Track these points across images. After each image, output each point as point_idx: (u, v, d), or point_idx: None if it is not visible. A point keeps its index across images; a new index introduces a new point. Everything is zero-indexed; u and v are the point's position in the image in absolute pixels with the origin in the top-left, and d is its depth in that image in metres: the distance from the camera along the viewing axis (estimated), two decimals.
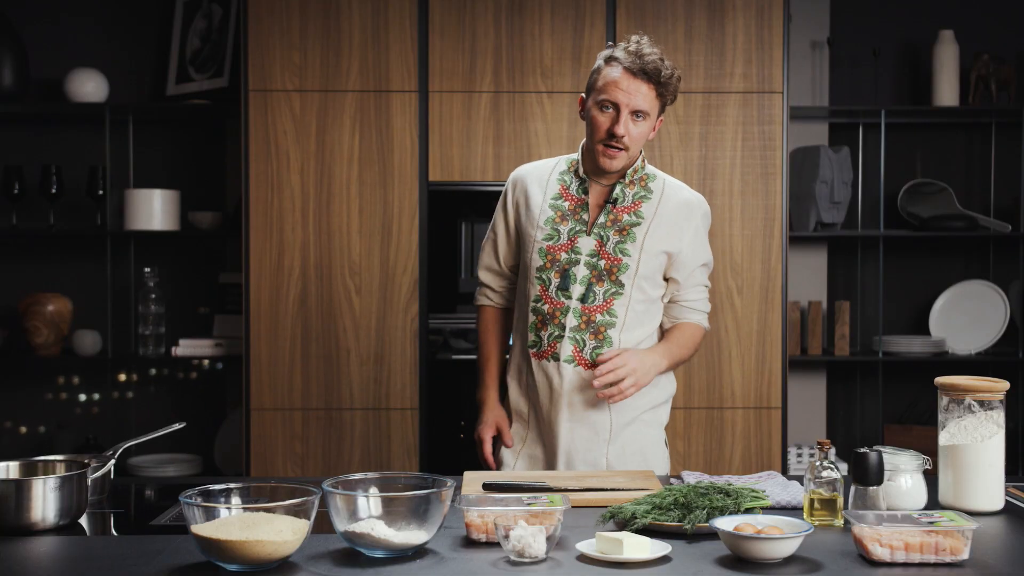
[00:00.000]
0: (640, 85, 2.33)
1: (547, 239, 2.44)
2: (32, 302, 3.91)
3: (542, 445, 2.48)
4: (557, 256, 2.42)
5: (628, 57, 2.34)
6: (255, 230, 3.55)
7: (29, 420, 4.16)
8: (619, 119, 2.34)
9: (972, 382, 2.05)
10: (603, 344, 2.40)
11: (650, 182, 2.48)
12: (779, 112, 3.56)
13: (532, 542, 1.67)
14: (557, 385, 2.41)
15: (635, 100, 2.33)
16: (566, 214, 2.44)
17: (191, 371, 4.16)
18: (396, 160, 3.55)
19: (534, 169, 2.55)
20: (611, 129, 2.34)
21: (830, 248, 4.27)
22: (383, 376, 3.56)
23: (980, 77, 4.10)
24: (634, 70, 2.33)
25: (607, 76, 2.36)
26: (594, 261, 2.41)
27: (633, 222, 2.42)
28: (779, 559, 1.68)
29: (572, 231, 2.43)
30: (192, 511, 1.67)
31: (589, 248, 2.42)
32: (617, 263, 2.41)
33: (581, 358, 2.40)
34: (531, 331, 2.45)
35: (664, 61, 2.35)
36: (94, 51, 4.15)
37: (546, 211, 2.45)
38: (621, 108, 2.34)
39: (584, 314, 2.40)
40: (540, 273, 2.44)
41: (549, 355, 2.42)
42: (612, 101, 2.34)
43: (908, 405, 4.25)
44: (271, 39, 3.55)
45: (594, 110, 2.38)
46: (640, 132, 2.37)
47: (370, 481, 1.84)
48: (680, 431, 3.58)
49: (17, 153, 4.10)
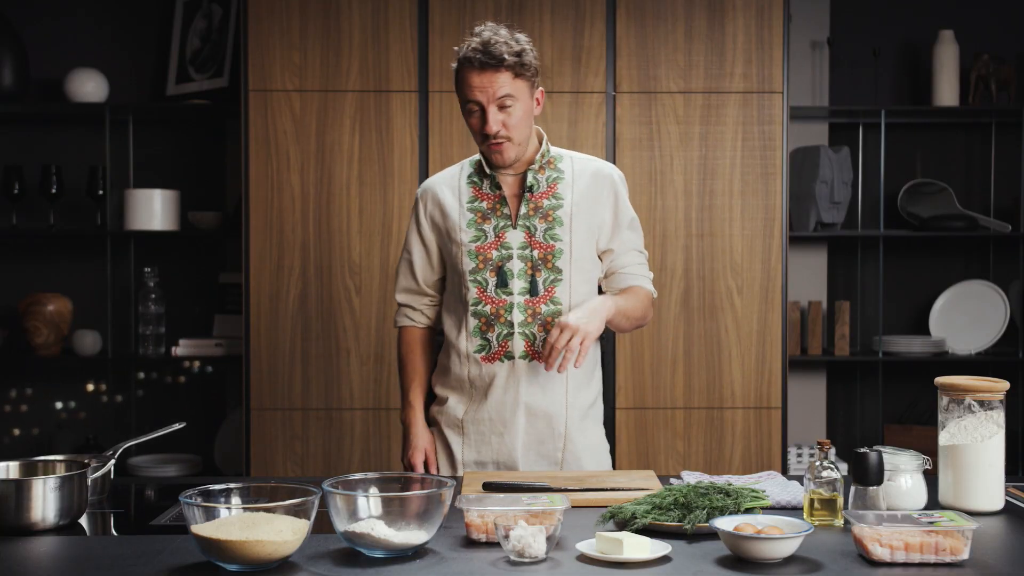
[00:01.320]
0: (492, 76, 2.30)
1: (474, 240, 2.40)
2: (32, 302, 3.91)
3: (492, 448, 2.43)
4: (488, 255, 2.40)
5: (472, 53, 2.31)
6: (255, 230, 3.56)
7: (29, 420, 4.16)
8: (486, 117, 2.32)
9: (972, 382, 2.05)
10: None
11: (559, 163, 2.46)
12: (779, 112, 3.57)
13: (532, 542, 1.67)
14: (513, 385, 2.39)
15: (492, 92, 2.31)
16: (486, 213, 2.42)
17: (191, 371, 4.16)
18: (396, 160, 3.55)
19: (441, 180, 2.51)
20: (484, 130, 2.34)
21: (830, 248, 4.27)
22: (383, 376, 3.55)
23: (980, 77, 4.10)
24: (478, 64, 2.30)
25: (461, 78, 2.34)
26: (527, 253, 2.39)
27: (555, 205, 2.41)
28: (779, 559, 1.68)
29: (498, 228, 2.41)
30: (192, 511, 1.67)
31: (519, 241, 2.40)
32: (551, 250, 2.39)
33: (535, 353, 2.39)
34: (475, 335, 2.40)
35: (507, 42, 2.31)
36: (94, 51, 4.15)
37: (466, 215, 2.42)
38: (485, 105, 2.32)
39: (528, 307, 2.38)
40: (474, 275, 2.40)
41: (502, 355, 2.39)
42: (473, 100, 2.33)
43: (908, 405, 4.25)
44: (271, 39, 3.55)
45: (465, 114, 2.37)
46: (517, 117, 2.33)
47: (370, 481, 1.84)
48: (680, 431, 3.58)
49: (17, 153, 4.10)
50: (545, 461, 2.43)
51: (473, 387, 2.43)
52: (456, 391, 2.46)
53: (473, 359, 2.41)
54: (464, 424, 2.44)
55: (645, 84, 3.56)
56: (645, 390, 3.58)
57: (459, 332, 2.43)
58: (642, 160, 3.56)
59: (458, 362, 2.43)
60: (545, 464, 2.43)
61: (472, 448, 2.44)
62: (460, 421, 2.45)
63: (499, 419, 2.41)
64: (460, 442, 2.45)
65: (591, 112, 3.55)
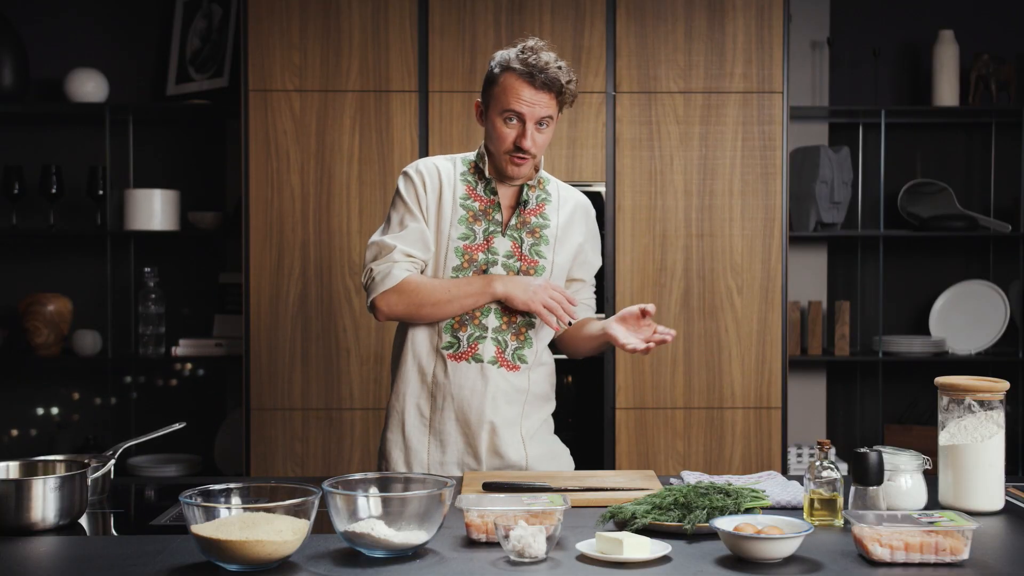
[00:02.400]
0: (542, 96, 2.32)
1: (463, 238, 2.39)
2: (32, 302, 3.91)
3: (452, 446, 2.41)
4: (475, 256, 2.39)
5: (528, 68, 2.30)
6: (255, 230, 3.56)
7: (29, 420, 4.16)
8: (525, 132, 2.32)
9: (972, 382, 2.05)
10: (524, 345, 2.40)
11: (547, 185, 2.50)
12: (779, 112, 3.57)
13: (532, 542, 1.67)
14: (480, 387, 2.38)
15: (539, 111, 2.32)
16: (478, 214, 2.41)
17: (191, 371, 4.16)
18: (396, 160, 3.55)
19: (433, 167, 2.44)
20: (517, 142, 2.34)
21: (830, 248, 4.27)
22: (383, 376, 3.55)
23: (980, 77, 4.10)
24: (536, 83, 2.30)
25: (509, 87, 2.32)
26: (511, 263, 2.40)
27: (541, 224, 2.44)
28: (779, 559, 1.68)
29: (487, 231, 2.41)
30: (192, 511, 1.67)
31: (505, 249, 2.41)
32: (534, 265, 2.42)
33: (504, 360, 2.40)
34: (446, 332, 2.39)
35: (562, 68, 2.33)
36: (94, 51, 4.15)
37: (458, 210, 2.41)
38: (527, 120, 2.32)
39: (504, 315, 2.39)
40: (457, 272, 2.38)
41: (469, 356, 2.39)
42: (517, 113, 2.32)
43: (908, 405, 4.25)
44: (271, 39, 3.55)
45: (497, 120, 2.35)
46: (544, 139, 2.37)
47: (370, 481, 1.84)
48: (680, 431, 3.58)
49: (17, 153, 4.10)
50: (511, 468, 2.42)
51: (436, 384, 2.41)
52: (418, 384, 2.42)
53: (440, 354, 2.40)
54: (432, 423, 2.42)
55: (645, 84, 3.56)
56: (645, 390, 3.58)
57: (430, 326, 2.41)
58: (642, 160, 3.56)
59: (426, 355, 2.41)
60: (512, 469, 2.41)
61: (438, 448, 2.42)
62: (427, 420, 2.43)
63: (463, 420, 2.40)
64: (426, 442, 2.42)
65: (591, 112, 3.55)
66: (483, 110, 2.40)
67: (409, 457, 2.43)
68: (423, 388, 2.43)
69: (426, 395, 2.42)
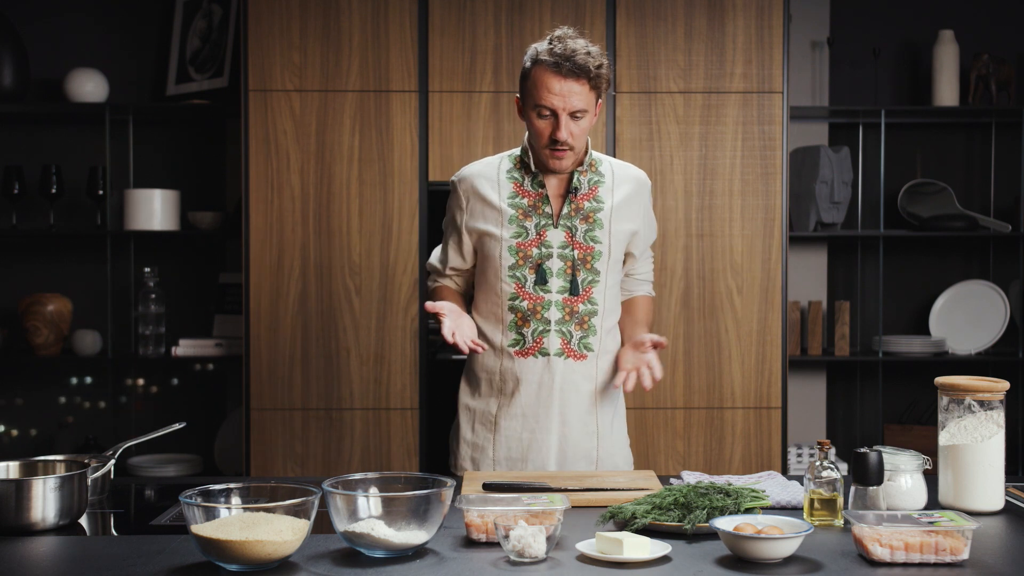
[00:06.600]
0: (572, 85, 2.30)
1: (515, 236, 2.41)
2: (32, 302, 3.91)
3: (523, 445, 2.43)
4: (528, 252, 2.41)
5: (556, 59, 2.29)
6: (255, 230, 3.56)
7: (29, 420, 4.16)
8: (559, 124, 2.32)
9: (972, 382, 2.05)
10: (588, 333, 2.41)
11: (599, 166, 2.49)
12: (779, 112, 3.57)
13: (532, 542, 1.67)
14: (547, 381, 2.41)
15: (571, 102, 2.31)
16: (527, 210, 2.43)
17: (191, 371, 4.16)
18: (396, 160, 3.55)
19: (479, 172, 2.48)
20: (553, 136, 2.33)
21: (830, 248, 4.27)
22: (383, 376, 3.56)
23: (980, 77, 4.10)
24: (564, 71, 2.29)
25: (539, 80, 2.32)
26: (567, 252, 2.41)
27: (595, 208, 2.44)
28: (779, 559, 1.68)
29: (539, 225, 2.42)
30: (192, 511, 1.67)
31: (559, 240, 2.41)
32: (590, 251, 2.42)
33: (570, 350, 2.41)
34: (511, 330, 2.42)
35: (591, 53, 2.31)
36: (94, 51, 4.15)
37: (507, 210, 2.42)
38: (559, 113, 2.31)
39: (566, 306, 2.40)
40: (513, 271, 2.41)
41: (536, 351, 2.41)
42: (549, 106, 2.32)
43: (908, 405, 4.25)
44: (271, 39, 3.55)
45: (532, 115, 2.35)
46: (582, 128, 2.35)
47: (370, 481, 1.84)
48: (680, 431, 3.58)
49: (17, 153, 4.10)
50: (583, 460, 2.44)
51: (504, 381, 2.44)
52: (486, 384, 2.47)
53: (507, 353, 2.43)
54: (497, 420, 2.45)
55: (645, 84, 3.56)
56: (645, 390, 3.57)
57: (494, 326, 2.45)
58: (642, 160, 3.56)
59: (492, 354, 2.45)
60: (583, 463, 2.44)
61: (503, 446, 2.45)
62: (494, 417, 2.45)
63: (532, 415, 2.42)
64: (491, 439, 2.46)
65: None
66: (521, 106, 2.41)
67: (476, 454, 2.46)
68: (490, 387, 2.46)
69: (494, 393, 2.46)
